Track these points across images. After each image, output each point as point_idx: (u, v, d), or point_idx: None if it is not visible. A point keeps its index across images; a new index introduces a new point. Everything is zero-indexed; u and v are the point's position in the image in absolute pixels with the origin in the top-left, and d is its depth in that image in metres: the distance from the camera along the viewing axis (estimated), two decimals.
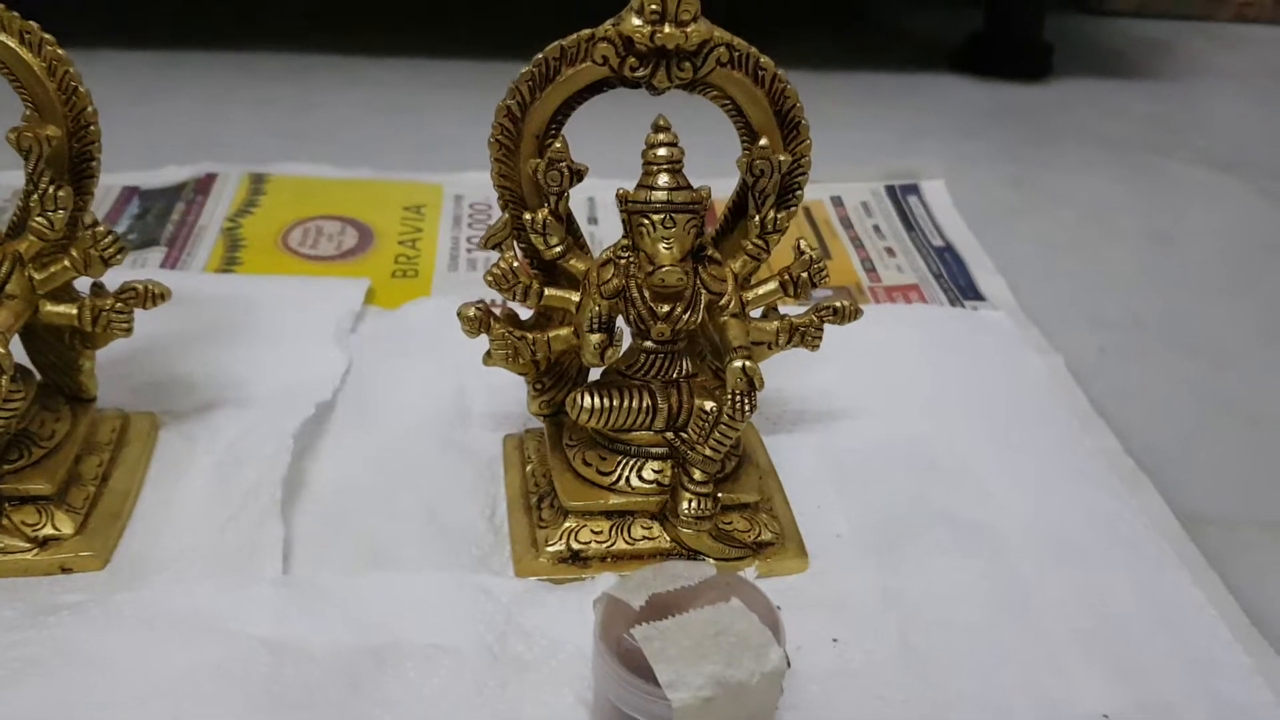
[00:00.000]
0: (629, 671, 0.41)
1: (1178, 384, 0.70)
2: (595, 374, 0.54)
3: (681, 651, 0.40)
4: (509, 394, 0.61)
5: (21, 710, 0.42)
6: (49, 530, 0.49)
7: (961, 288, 0.76)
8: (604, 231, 0.82)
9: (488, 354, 0.53)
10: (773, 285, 0.52)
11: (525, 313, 0.54)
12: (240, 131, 0.95)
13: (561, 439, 0.54)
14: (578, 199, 0.85)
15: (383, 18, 1.24)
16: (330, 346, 0.63)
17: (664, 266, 0.47)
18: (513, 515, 0.54)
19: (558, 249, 0.50)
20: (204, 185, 0.82)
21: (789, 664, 0.41)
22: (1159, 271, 0.82)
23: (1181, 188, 0.96)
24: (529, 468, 0.56)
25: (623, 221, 0.50)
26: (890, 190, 0.88)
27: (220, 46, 1.12)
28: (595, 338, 0.49)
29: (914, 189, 0.88)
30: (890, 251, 0.80)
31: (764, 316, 0.54)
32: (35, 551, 0.49)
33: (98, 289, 0.52)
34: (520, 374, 0.54)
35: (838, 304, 0.53)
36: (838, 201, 0.86)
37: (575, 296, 0.51)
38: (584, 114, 0.50)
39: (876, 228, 0.83)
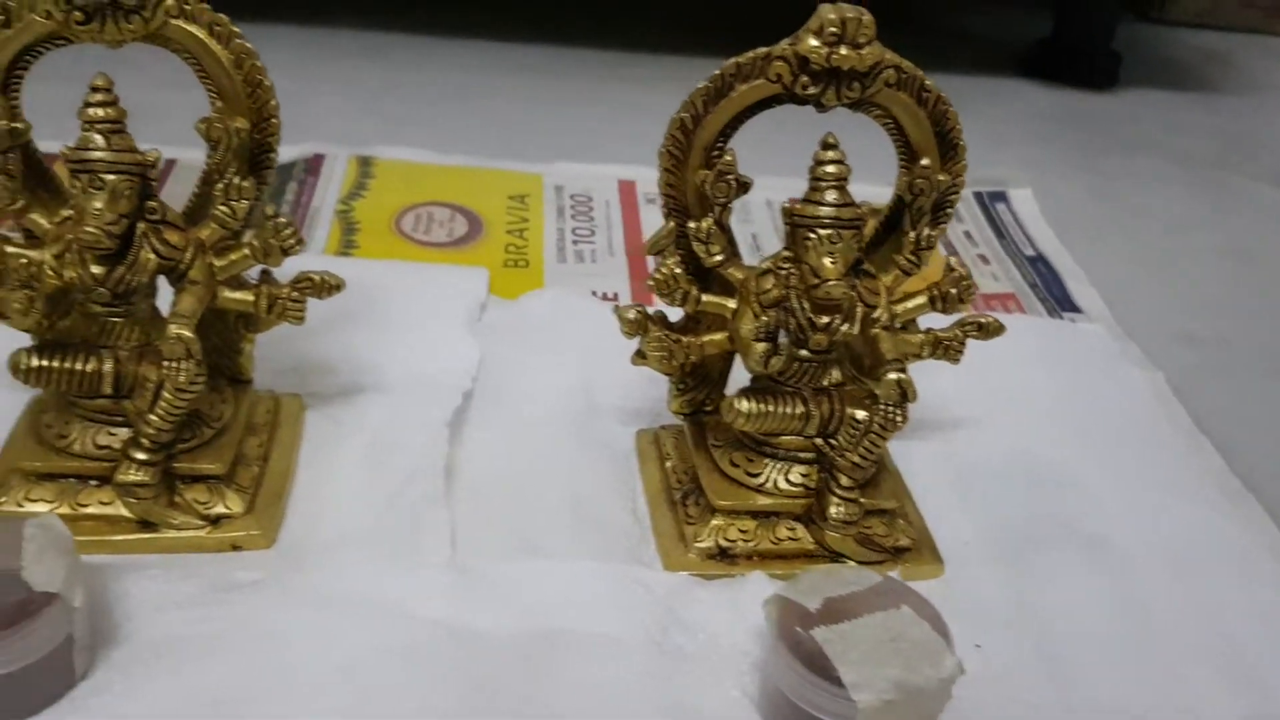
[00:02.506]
0: (808, 669, 0.43)
1: (1269, 403, 0.72)
2: (743, 378, 0.55)
3: (862, 655, 0.42)
4: (636, 389, 0.63)
5: (212, 684, 0.44)
6: (220, 509, 0.51)
7: (1057, 299, 0.78)
8: None
9: (638, 354, 0.55)
10: (922, 299, 0.54)
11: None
12: (330, 110, 0.96)
13: (705, 439, 0.56)
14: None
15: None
16: (462, 335, 0.65)
17: (830, 280, 0.49)
18: (655, 509, 0.56)
19: (719, 257, 0.52)
20: (313, 166, 0.83)
21: (962, 670, 0.43)
22: (1242, 289, 0.84)
23: (1255, 205, 0.98)
24: (669, 464, 0.58)
25: (785, 234, 0.51)
26: (979, 197, 0.90)
27: (298, 21, 1.13)
28: (761, 347, 0.50)
29: (1002, 196, 0.90)
30: (984, 259, 0.82)
31: (903, 328, 0.56)
32: (208, 529, 0.51)
33: (266, 275, 0.53)
34: (665, 374, 0.56)
35: (982, 320, 0.55)
36: None
37: (731, 303, 0.53)
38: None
39: (968, 234, 0.85)
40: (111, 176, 0.47)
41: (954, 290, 0.54)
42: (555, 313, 0.69)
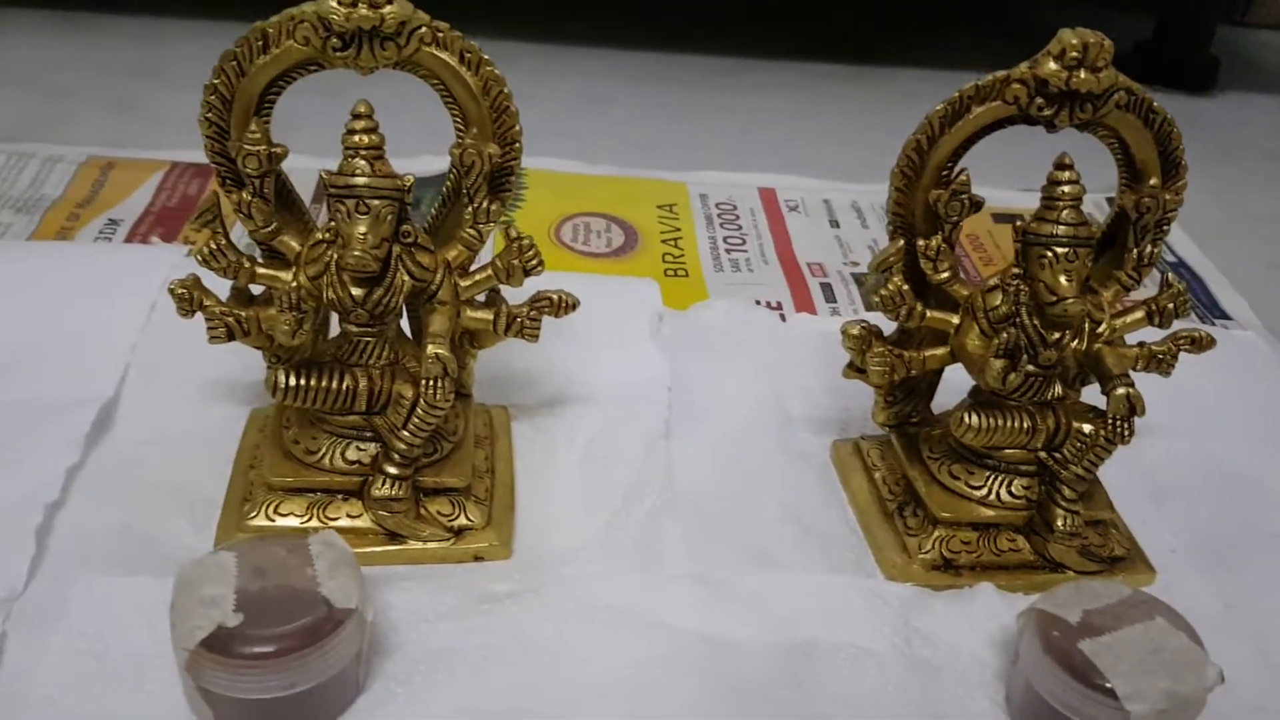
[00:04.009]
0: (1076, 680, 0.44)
1: None
2: (961, 391, 0.56)
3: (1132, 666, 0.44)
4: (819, 399, 0.65)
5: (490, 697, 0.45)
6: (462, 521, 0.53)
7: (1206, 305, 0.79)
8: (846, 234, 0.84)
9: (852, 367, 0.56)
10: (1139, 314, 0.55)
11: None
12: None
13: (920, 450, 0.57)
14: (814, 201, 0.88)
15: (573, 5, 1.26)
16: (649, 347, 0.66)
17: (1069, 299, 0.50)
18: (869, 520, 0.57)
19: (946, 274, 0.53)
20: None
21: (1222, 679, 0.44)
22: None
23: None
24: (877, 474, 0.59)
25: (1016, 250, 0.52)
26: (1111, 203, 0.90)
27: None
28: (999, 363, 0.52)
29: None
30: None
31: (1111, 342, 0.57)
32: (452, 540, 0.52)
33: (496, 293, 0.55)
34: (877, 386, 0.57)
35: (1196, 334, 0.56)
36: None
37: (954, 319, 0.54)
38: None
39: None
40: (376, 201, 0.48)
41: (1171, 305, 0.55)
42: (730, 323, 0.70)
